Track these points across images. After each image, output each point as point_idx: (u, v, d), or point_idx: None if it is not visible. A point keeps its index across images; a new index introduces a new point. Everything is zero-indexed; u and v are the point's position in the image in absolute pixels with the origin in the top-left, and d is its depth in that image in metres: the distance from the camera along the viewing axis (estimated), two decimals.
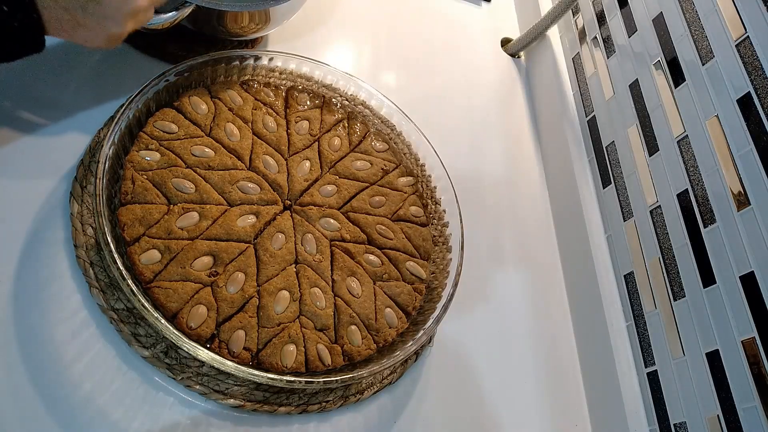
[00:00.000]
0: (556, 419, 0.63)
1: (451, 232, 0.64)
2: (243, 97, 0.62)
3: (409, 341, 0.54)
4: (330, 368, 0.52)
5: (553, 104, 0.85)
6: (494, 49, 0.93)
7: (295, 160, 0.62)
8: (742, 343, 0.53)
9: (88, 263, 0.50)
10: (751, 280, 0.53)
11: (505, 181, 0.80)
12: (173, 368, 0.49)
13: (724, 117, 0.59)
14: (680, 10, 0.66)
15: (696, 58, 0.63)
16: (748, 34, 0.57)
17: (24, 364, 0.45)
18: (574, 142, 0.79)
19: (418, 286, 0.60)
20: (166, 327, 0.46)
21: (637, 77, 0.72)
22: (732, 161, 0.57)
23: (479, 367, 0.63)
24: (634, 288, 0.67)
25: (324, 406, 0.53)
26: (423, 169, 0.68)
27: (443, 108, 0.82)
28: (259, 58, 0.64)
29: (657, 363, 0.62)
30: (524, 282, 0.72)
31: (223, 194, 0.56)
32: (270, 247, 0.55)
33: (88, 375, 0.47)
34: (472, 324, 0.66)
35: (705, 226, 0.59)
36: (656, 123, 0.68)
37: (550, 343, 0.69)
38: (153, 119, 0.56)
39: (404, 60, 0.83)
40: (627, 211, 0.70)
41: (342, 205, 0.61)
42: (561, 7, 0.81)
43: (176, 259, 0.50)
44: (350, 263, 0.58)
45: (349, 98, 0.69)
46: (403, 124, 0.69)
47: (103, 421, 0.46)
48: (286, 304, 0.53)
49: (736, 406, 0.53)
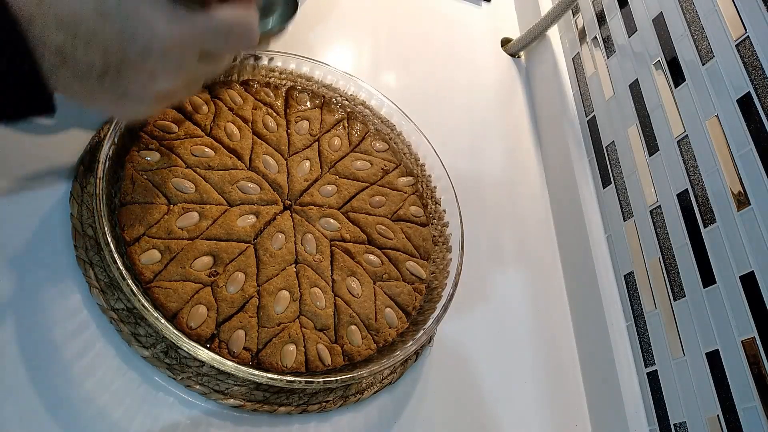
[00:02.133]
0: (556, 419, 0.63)
1: (451, 232, 0.64)
2: (243, 97, 0.62)
3: (409, 341, 0.54)
4: (330, 368, 0.52)
5: (553, 104, 0.85)
6: (494, 49, 0.93)
7: (295, 160, 0.62)
8: (742, 343, 0.53)
9: (88, 263, 0.50)
10: (751, 280, 0.53)
11: (505, 181, 0.80)
12: (173, 368, 0.49)
13: (724, 117, 0.59)
14: (680, 10, 0.66)
15: (696, 58, 0.63)
16: (748, 34, 0.57)
17: (24, 364, 0.45)
18: (574, 142, 0.79)
19: (418, 286, 0.60)
20: (166, 327, 0.46)
21: (637, 77, 0.72)
22: (732, 161, 0.57)
23: (479, 367, 0.63)
24: (634, 288, 0.67)
25: (324, 406, 0.53)
26: (423, 169, 0.68)
27: (443, 108, 0.82)
28: (259, 58, 0.64)
29: (657, 363, 0.62)
30: (524, 282, 0.72)
31: (223, 194, 0.56)
32: (270, 247, 0.55)
33: (88, 375, 0.47)
34: (472, 324, 0.66)
35: (705, 226, 0.59)
36: (656, 123, 0.68)
37: (550, 343, 0.69)
38: (153, 119, 0.56)
39: (404, 60, 0.83)
40: (627, 211, 0.70)
41: (342, 205, 0.61)
42: (561, 7, 0.81)
43: (176, 259, 0.50)
44: (350, 263, 0.58)
45: (349, 98, 0.69)
46: (403, 124, 0.69)
47: (103, 421, 0.46)
48: (286, 304, 0.53)
49: (736, 406, 0.53)
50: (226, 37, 0.39)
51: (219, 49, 0.41)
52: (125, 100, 0.38)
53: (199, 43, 0.38)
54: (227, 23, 0.38)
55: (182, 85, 0.40)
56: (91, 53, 0.34)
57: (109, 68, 0.35)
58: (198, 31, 0.37)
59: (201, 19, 0.37)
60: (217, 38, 0.39)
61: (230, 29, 0.39)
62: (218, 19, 0.38)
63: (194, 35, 0.37)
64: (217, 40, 0.39)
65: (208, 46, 0.39)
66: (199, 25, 0.37)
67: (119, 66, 0.35)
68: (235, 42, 0.40)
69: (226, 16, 0.38)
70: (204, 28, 0.37)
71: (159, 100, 0.40)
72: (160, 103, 0.40)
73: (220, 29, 0.38)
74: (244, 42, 0.40)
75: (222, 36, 0.39)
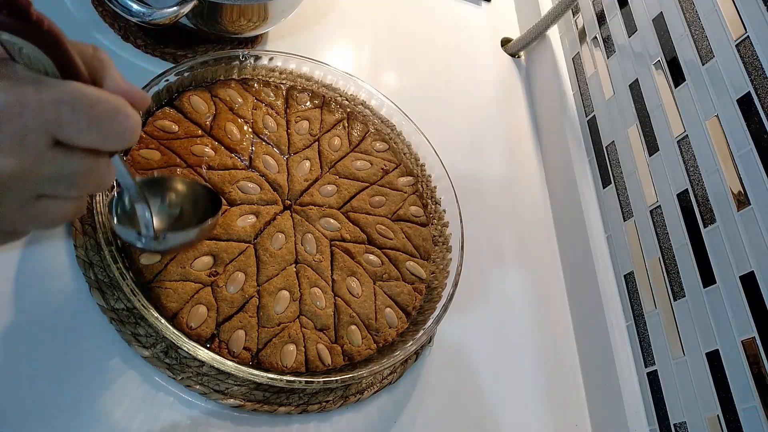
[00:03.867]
0: (556, 419, 0.63)
1: (451, 232, 0.64)
2: (243, 97, 0.62)
3: (409, 341, 0.54)
4: (330, 368, 0.52)
5: (553, 104, 0.85)
6: (494, 49, 0.93)
7: (295, 160, 0.62)
8: (742, 343, 0.53)
9: (88, 263, 0.50)
10: (751, 280, 0.53)
11: (505, 181, 0.80)
12: (173, 368, 0.49)
13: (724, 117, 0.59)
14: (680, 10, 0.66)
15: (696, 58, 0.63)
16: (748, 34, 0.57)
17: (24, 364, 0.45)
18: (574, 142, 0.79)
19: (418, 286, 0.60)
20: (166, 327, 0.46)
21: (637, 77, 0.72)
22: (732, 161, 0.57)
23: (479, 366, 0.63)
24: (634, 288, 0.67)
25: (324, 406, 0.53)
26: (423, 168, 0.68)
27: (443, 108, 0.82)
28: (259, 57, 0.64)
29: (657, 363, 0.62)
30: (524, 282, 0.72)
31: (223, 194, 0.56)
32: (270, 247, 0.55)
33: (88, 375, 0.47)
34: (472, 324, 0.66)
35: (705, 226, 0.59)
36: (656, 123, 0.68)
37: (550, 343, 0.69)
38: (153, 119, 0.56)
39: (404, 60, 0.83)
40: (627, 211, 0.70)
41: (342, 204, 0.61)
42: (561, 7, 0.81)
43: (176, 259, 0.50)
44: (350, 263, 0.58)
45: (349, 98, 0.69)
46: (403, 124, 0.69)
47: (103, 421, 0.46)
48: (286, 304, 0.53)
49: (736, 406, 0.53)
50: (89, 118, 0.28)
51: (77, 133, 0.28)
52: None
53: (52, 116, 0.27)
54: (89, 98, 0.28)
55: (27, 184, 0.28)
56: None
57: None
58: (49, 100, 0.27)
59: (57, 86, 0.27)
60: (74, 116, 0.27)
61: (93, 108, 0.28)
62: (78, 91, 0.28)
63: (41, 104, 0.27)
64: (75, 117, 0.28)
65: (63, 126, 0.27)
66: (53, 93, 0.27)
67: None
68: (101, 128, 0.28)
69: (89, 91, 0.28)
70: (58, 98, 0.27)
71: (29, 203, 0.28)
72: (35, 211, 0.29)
73: (79, 105, 0.28)
74: (114, 130, 0.29)
75: (81, 114, 0.28)
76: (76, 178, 0.29)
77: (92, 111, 0.28)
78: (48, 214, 0.29)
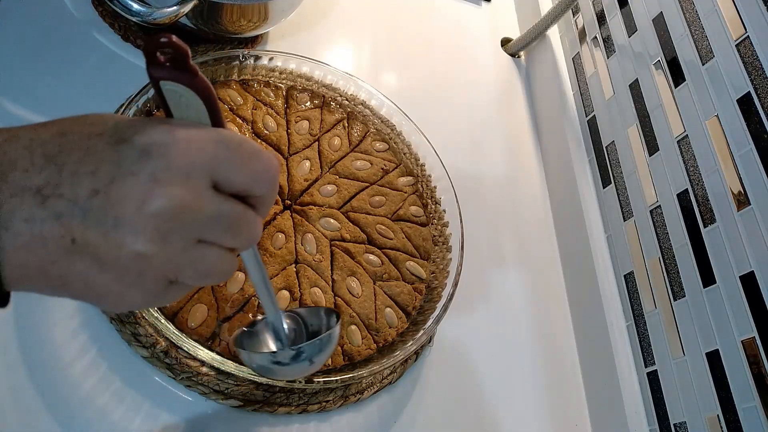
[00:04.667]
0: (556, 419, 0.63)
1: (451, 232, 0.64)
2: (243, 97, 0.62)
3: (409, 341, 0.54)
4: (330, 368, 0.52)
5: (553, 104, 0.85)
6: (494, 49, 0.93)
7: (295, 160, 0.62)
8: (742, 343, 0.53)
9: None
10: (751, 280, 0.53)
11: (505, 181, 0.80)
12: (173, 368, 0.49)
13: (724, 117, 0.59)
14: (680, 10, 0.66)
15: (696, 58, 0.63)
16: (748, 34, 0.57)
17: (24, 364, 0.45)
18: (574, 142, 0.79)
19: (418, 286, 0.60)
20: (166, 326, 0.46)
21: (637, 77, 0.72)
22: (732, 161, 0.57)
23: (479, 366, 0.63)
24: (634, 288, 0.67)
25: (324, 406, 0.53)
26: (423, 168, 0.68)
27: (443, 108, 0.82)
28: (259, 57, 0.64)
29: (657, 363, 0.62)
30: (524, 282, 0.72)
31: None
32: (270, 246, 0.55)
33: (88, 375, 0.47)
34: (472, 324, 0.66)
35: (705, 225, 0.59)
36: (656, 123, 0.68)
37: (550, 343, 0.69)
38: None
39: (404, 60, 0.83)
40: (627, 211, 0.70)
41: (342, 204, 0.61)
42: (561, 7, 0.81)
43: None
44: (350, 263, 0.58)
45: (349, 98, 0.69)
46: (403, 124, 0.69)
47: (103, 421, 0.46)
48: (286, 303, 0.53)
49: (736, 406, 0.53)
50: (240, 156, 0.29)
51: (233, 171, 0.29)
52: (119, 233, 0.26)
53: (212, 154, 0.29)
54: (238, 138, 0.30)
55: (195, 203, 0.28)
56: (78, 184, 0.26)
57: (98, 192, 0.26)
58: (208, 138, 0.29)
59: (213, 129, 0.30)
60: (229, 153, 0.29)
61: (242, 147, 0.30)
62: (229, 132, 0.30)
63: (204, 142, 0.28)
64: (230, 155, 0.29)
65: (222, 163, 0.29)
66: (212, 133, 0.29)
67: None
68: (250, 167, 0.30)
69: (237, 134, 0.30)
70: (216, 137, 0.29)
71: (164, 232, 0.27)
72: (168, 241, 0.28)
73: (232, 144, 0.29)
74: (258, 169, 0.30)
75: (234, 152, 0.29)
76: (231, 223, 0.30)
77: (241, 149, 0.29)
78: (205, 261, 0.29)
